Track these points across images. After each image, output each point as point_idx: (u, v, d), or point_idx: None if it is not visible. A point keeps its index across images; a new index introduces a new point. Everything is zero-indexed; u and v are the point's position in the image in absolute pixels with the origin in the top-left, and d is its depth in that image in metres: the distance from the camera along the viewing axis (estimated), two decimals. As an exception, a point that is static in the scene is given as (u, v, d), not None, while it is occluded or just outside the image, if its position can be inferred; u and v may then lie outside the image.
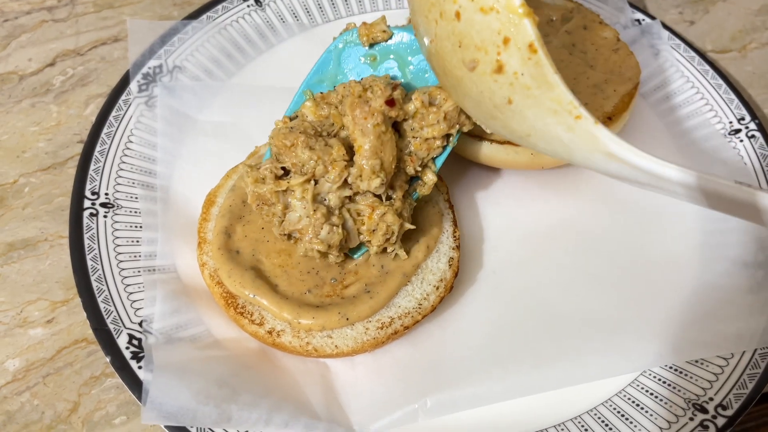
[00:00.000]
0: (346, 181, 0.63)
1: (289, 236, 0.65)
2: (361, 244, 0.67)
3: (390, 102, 0.63)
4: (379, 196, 0.64)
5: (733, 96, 0.85)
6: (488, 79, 0.52)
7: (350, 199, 0.64)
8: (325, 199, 0.63)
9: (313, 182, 0.63)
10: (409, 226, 0.65)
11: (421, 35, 0.59)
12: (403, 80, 0.70)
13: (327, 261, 0.67)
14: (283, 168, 0.64)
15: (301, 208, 0.63)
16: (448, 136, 0.67)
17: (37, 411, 0.65)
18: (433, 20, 0.55)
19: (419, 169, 0.67)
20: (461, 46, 0.52)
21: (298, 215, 0.63)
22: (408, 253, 0.68)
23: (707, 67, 0.88)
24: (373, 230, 0.64)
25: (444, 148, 0.68)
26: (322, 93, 0.69)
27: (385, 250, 0.66)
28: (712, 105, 0.85)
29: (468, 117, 0.65)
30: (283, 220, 0.64)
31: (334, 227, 0.63)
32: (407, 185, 0.67)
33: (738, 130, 0.82)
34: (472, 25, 0.50)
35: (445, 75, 0.58)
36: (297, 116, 0.69)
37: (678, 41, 0.90)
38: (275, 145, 0.64)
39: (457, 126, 0.66)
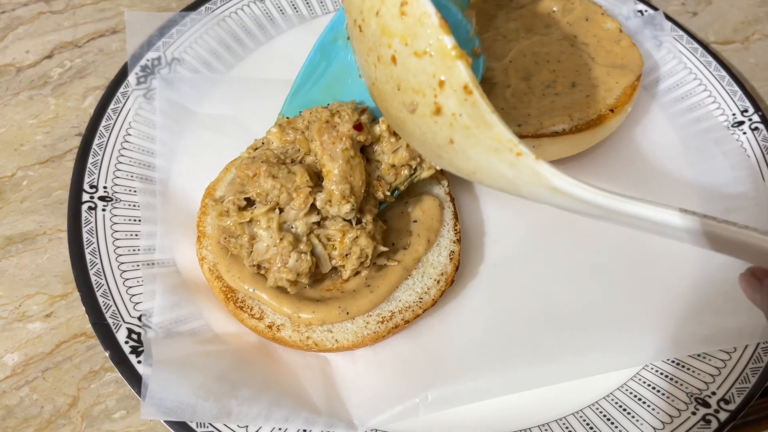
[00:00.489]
0: (314, 206, 0.63)
1: (259, 267, 0.64)
2: None
3: (357, 126, 0.64)
4: (349, 221, 0.64)
5: (736, 88, 0.84)
6: (429, 121, 0.52)
7: (319, 224, 0.63)
8: (291, 227, 0.62)
9: (278, 211, 0.62)
10: (382, 248, 0.65)
11: (364, 77, 0.60)
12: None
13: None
14: (247, 199, 0.64)
15: (267, 238, 0.62)
16: (413, 166, 0.67)
17: (37, 405, 0.65)
18: (372, 64, 0.55)
19: (388, 194, 0.67)
20: (400, 90, 0.53)
21: (265, 245, 0.62)
22: (408, 246, 0.68)
23: (710, 58, 0.87)
24: (346, 254, 0.63)
25: (411, 176, 0.68)
26: (288, 118, 0.70)
27: (358, 273, 0.65)
28: (715, 97, 0.84)
29: None
30: (251, 252, 0.63)
31: (303, 254, 0.62)
32: (376, 209, 0.66)
33: (741, 122, 0.81)
34: (408, 69, 0.51)
35: (390, 116, 0.58)
36: (265, 141, 0.69)
37: (681, 32, 0.89)
38: (238, 176, 0.64)
39: (419, 158, 0.67)
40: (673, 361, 0.66)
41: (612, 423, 0.62)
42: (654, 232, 0.50)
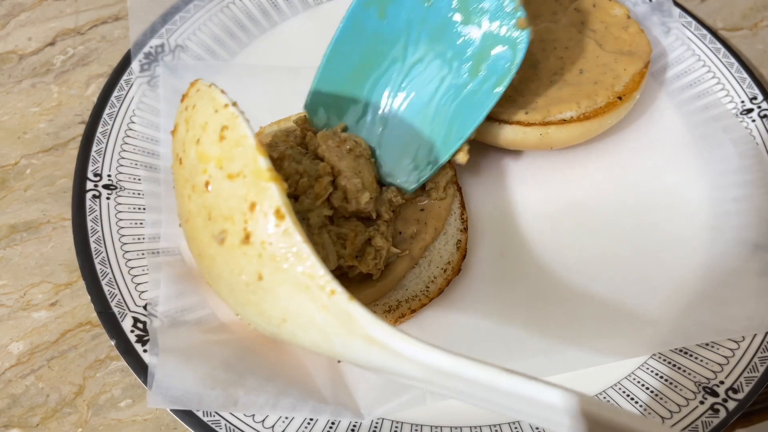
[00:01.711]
0: (328, 200, 0.62)
1: None
2: None
3: None
4: (363, 220, 0.63)
5: (745, 75, 0.84)
6: (237, 252, 0.48)
7: (332, 221, 0.62)
8: (303, 218, 0.62)
9: (292, 198, 0.62)
10: (395, 250, 0.64)
11: (180, 219, 0.57)
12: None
13: None
14: None
15: None
16: None
17: (42, 394, 0.64)
18: (186, 196, 0.53)
19: (399, 199, 0.66)
20: (210, 218, 0.50)
21: None
22: (415, 235, 0.67)
23: (719, 45, 0.86)
24: (356, 256, 0.62)
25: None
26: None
27: (370, 276, 0.64)
28: (724, 84, 0.83)
29: None
30: None
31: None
32: (389, 215, 0.65)
33: (750, 110, 0.81)
34: (220, 194, 0.49)
35: (201, 258, 0.54)
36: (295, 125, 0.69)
37: (689, 19, 0.88)
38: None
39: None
40: (680, 351, 0.66)
41: (619, 412, 0.62)
42: (516, 412, 0.43)
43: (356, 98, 0.70)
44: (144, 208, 0.71)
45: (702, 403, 0.62)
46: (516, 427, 0.61)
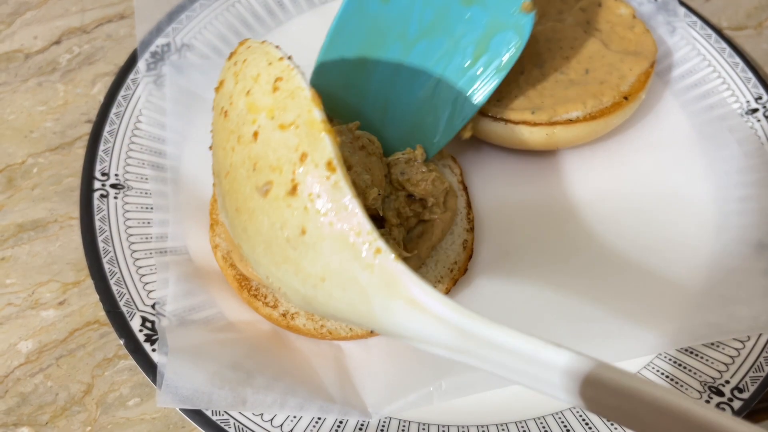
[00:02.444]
0: None
1: None
2: None
3: None
4: (374, 220, 0.63)
5: (750, 74, 0.84)
6: (281, 205, 0.46)
7: None
8: None
9: None
10: (406, 254, 0.64)
11: (217, 175, 0.55)
12: None
13: None
14: None
15: None
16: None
17: (51, 393, 0.65)
18: (230, 149, 0.51)
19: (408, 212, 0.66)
20: (255, 169, 0.48)
21: None
22: (421, 234, 0.67)
23: (724, 44, 0.86)
24: None
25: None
26: None
27: None
28: (729, 84, 0.83)
29: None
30: None
31: None
32: (397, 219, 0.65)
33: (755, 110, 0.81)
34: (269, 144, 0.47)
35: (238, 213, 0.51)
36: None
37: (694, 18, 0.88)
38: None
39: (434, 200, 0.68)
40: (686, 350, 0.66)
41: (625, 411, 0.62)
42: (530, 383, 0.42)
43: (360, 75, 0.71)
44: (152, 208, 0.71)
45: (707, 402, 0.62)
46: (523, 427, 0.62)
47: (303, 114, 0.45)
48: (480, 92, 0.69)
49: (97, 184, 0.71)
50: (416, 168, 0.66)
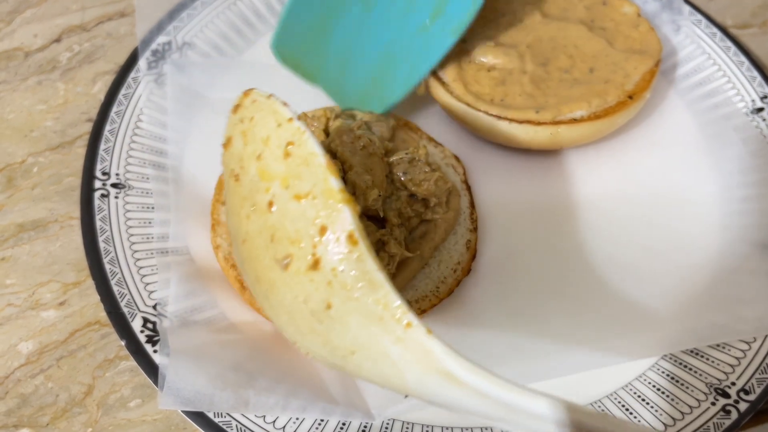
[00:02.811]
0: None
1: None
2: None
3: None
4: (372, 219, 0.63)
5: (755, 73, 0.83)
6: (303, 279, 0.45)
7: None
8: None
9: None
10: (407, 254, 0.63)
11: (234, 241, 0.53)
12: None
13: None
14: None
15: None
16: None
17: (52, 394, 0.64)
18: (245, 216, 0.49)
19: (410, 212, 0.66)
20: (274, 241, 0.46)
21: None
22: (424, 235, 0.67)
23: (729, 43, 0.86)
24: None
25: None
26: (305, 112, 0.70)
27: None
28: (734, 83, 0.83)
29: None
30: None
31: None
32: (398, 220, 0.65)
33: (761, 109, 0.80)
34: (286, 215, 0.45)
35: (259, 282, 0.50)
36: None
37: (699, 16, 0.88)
38: None
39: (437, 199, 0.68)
40: (691, 351, 0.65)
41: (631, 413, 0.62)
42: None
43: (321, 36, 0.72)
44: (153, 207, 0.70)
45: (713, 404, 0.62)
46: (527, 429, 0.61)
47: (319, 183, 0.44)
48: (435, 52, 0.75)
49: (97, 184, 0.70)
50: (419, 168, 0.65)
